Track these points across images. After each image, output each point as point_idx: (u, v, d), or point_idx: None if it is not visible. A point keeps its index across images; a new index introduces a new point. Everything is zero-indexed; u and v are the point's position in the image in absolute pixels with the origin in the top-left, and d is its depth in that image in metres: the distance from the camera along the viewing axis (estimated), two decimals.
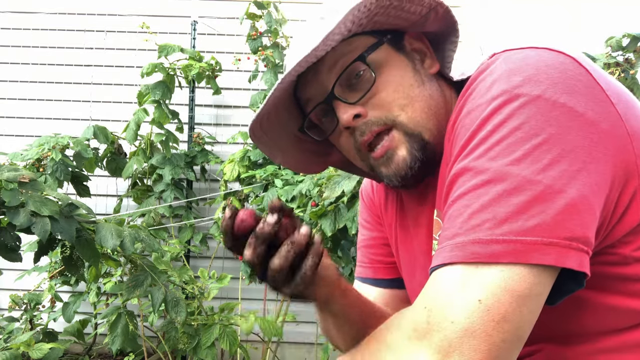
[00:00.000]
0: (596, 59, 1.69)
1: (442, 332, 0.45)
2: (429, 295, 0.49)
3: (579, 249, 0.46)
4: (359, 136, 0.65)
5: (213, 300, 2.22)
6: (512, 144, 0.48)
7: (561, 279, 0.48)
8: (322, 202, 1.85)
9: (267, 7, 2.61)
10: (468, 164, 0.51)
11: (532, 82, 0.50)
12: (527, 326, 0.46)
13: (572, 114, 0.49)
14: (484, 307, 0.44)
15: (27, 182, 1.34)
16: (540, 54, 0.53)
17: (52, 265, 2.46)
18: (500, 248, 0.45)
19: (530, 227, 0.45)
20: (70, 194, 2.48)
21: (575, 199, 0.46)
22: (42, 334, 2.35)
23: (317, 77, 0.66)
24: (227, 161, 2.59)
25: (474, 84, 0.57)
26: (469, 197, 0.49)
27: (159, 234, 2.56)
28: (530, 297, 0.45)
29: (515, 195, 0.46)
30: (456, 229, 0.49)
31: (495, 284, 0.45)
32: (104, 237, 1.39)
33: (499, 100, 0.51)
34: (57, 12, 3.05)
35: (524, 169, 0.47)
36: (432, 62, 0.69)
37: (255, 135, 0.70)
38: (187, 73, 2.57)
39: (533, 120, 0.48)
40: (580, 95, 0.50)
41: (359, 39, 0.65)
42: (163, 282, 1.67)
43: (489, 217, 0.47)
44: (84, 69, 3.02)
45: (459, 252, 0.47)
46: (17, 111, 3.03)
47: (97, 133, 2.47)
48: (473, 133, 0.52)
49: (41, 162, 2.32)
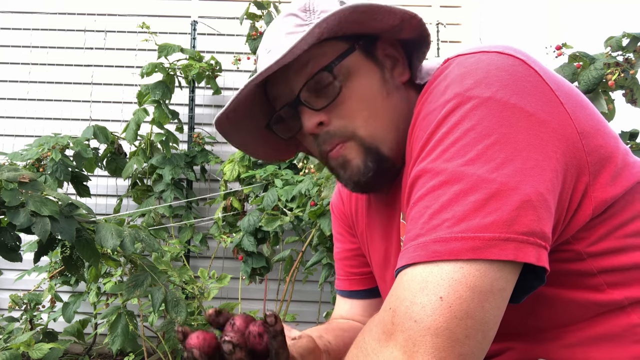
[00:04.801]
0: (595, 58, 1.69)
1: (406, 332, 0.46)
2: (394, 296, 0.50)
3: (537, 244, 0.47)
4: (321, 143, 0.67)
5: (213, 300, 2.23)
6: (466, 145, 0.49)
7: (523, 276, 0.49)
8: (321, 201, 1.85)
9: (267, 7, 2.61)
10: (425, 166, 0.52)
11: (483, 84, 0.52)
12: (492, 322, 0.47)
13: (523, 113, 0.50)
14: (446, 304, 0.45)
15: (27, 182, 1.34)
16: (491, 58, 0.55)
17: (52, 265, 2.46)
18: (459, 245, 0.46)
19: (487, 223, 0.46)
20: (70, 194, 2.49)
21: (529, 194, 0.47)
22: (42, 334, 2.36)
23: (286, 76, 0.66)
24: (227, 161, 2.59)
25: (430, 89, 0.58)
26: (429, 199, 0.50)
27: (159, 234, 2.56)
28: (493, 293, 0.46)
29: (472, 194, 0.47)
30: (418, 229, 0.50)
31: (456, 280, 0.45)
32: (104, 237, 1.39)
33: (452, 103, 0.52)
34: (57, 12, 3.05)
35: (478, 169, 0.48)
36: (403, 70, 0.70)
37: (222, 129, 0.70)
38: (187, 73, 2.57)
39: (485, 121, 0.50)
40: (529, 95, 0.51)
41: (330, 43, 0.64)
42: (163, 282, 1.67)
43: (448, 217, 0.47)
44: (84, 69, 3.02)
45: (421, 251, 0.48)
46: (17, 111, 3.03)
47: (97, 133, 2.47)
48: (429, 136, 0.53)
49: (41, 162, 2.32)
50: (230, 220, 2.61)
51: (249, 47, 2.67)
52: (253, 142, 0.75)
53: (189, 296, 2.12)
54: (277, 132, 0.72)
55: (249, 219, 2.31)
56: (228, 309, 2.06)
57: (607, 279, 0.55)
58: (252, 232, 2.32)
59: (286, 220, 2.15)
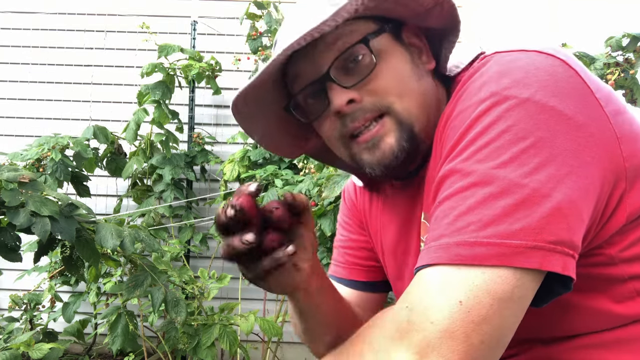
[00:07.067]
0: (595, 58, 1.69)
1: (421, 333, 0.45)
2: (411, 295, 0.49)
3: (564, 253, 0.46)
4: (349, 122, 0.63)
5: (213, 300, 2.22)
6: (499, 147, 0.48)
7: (549, 281, 0.48)
8: (322, 201, 1.85)
9: (267, 7, 2.61)
10: (455, 166, 0.51)
11: (521, 84, 0.50)
12: (508, 329, 0.46)
13: (561, 117, 0.48)
14: (465, 308, 0.44)
15: (27, 182, 1.34)
16: (530, 57, 0.53)
17: (52, 265, 2.46)
18: (483, 250, 0.45)
19: (515, 230, 0.45)
20: (70, 194, 2.48)
21: (561, 202, 0.46)
22: (42, 334, 2.35)
23: (312, 53, 0.62)
24: (227, 161, 2.59)
25: (465, 86, 0.56)
26: (456, 199, 0.49)
27: (159, 234, 2.56)
28: (512, 300, 0.45)
29: (502, 198, 0.46)
30: (442, 230, 0.49)
31: (477, 285, 0.45)
32: (104, 237, 1.39)
33: (488, 102, 0.51)
34: (57, 12, 3.05)
35: (510, 172, 0.47)
36: (428, 58, 0.67)
37: (238, 109, 0.66)
38: (187, 73, 2.57)
39: (521, 123, 0.48)
40: (569, 98, 0.50)
41: (359, 22, 0.61)
42: (163, 282, 1.67)
43: (474, 220, 0.46)
44: (84, 69, 3.02)
45: (442, 253, 0.47)
46: (17, 111, 3.03)
47: (97, 133, 2.47)
48: (462, 134, 0.52)
49: (41, 162, 2.31)
50: None
51: (249, 47, 2.67)
52: (265, 129, 0.72)
53: (189, 296, 2.12)
54: (296, 114, 0.68)
55: None
56: (228, 309, 2.06)
57: (638, 286, 0.54)
58: None
59: None
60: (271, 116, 0.70)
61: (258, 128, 0.71)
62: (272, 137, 0.73)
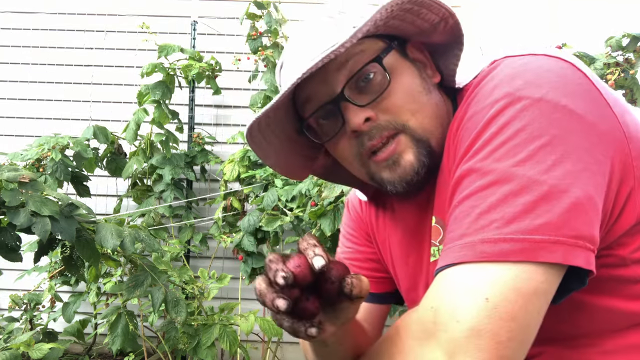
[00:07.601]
0: (595, 58, 1.69)
1: (448, 332, 0.45)
2: (436, 295, 0.49)
3: (586, 247, 0.46)
4: (366, 140, 0.63)
5: (213, 300, 2.22)
6: (516, 146, 0.49)
7: (564, 277, 0.48)
8: (322, 201, 1.85)
9: (267, 7, 2.61)
10: (473, 165, 0.51)
11: (533, 85, 0.51)
12: (534, 325, 0.46)
13: (573, 116, 0.50)
14: (491, 305, 0.44)
15: (27, 182, 1.34)
16: (540, 60, 0.54)
17: (52, 265, 2.46)
18: (508, 247, 0.46)
19: (537, 225, 0.46)
20: (70, 194, 2.48)
21: (580, 197, 0.46)
22: (42, 334, 2.35)
23: (324, 75, 0.63)
24: (227, 161, 2.58)
25: (476, 90, 0.57)
26: (476, 198, 0.49)
27: (159, 234, 2.56)
28: (537, 296, 0.45)
29: (522, 195, 0.47)
30: (464, 229, 0.49)
31: (503, 282, 0.45)
32: (104, 237, 1.39)
33: (502, 103, 0.52)
34: (57, 12, 3.05)
35: (529, 170, 0.47)
36: (433, 72, 0.69)
37: (252, 135, 0.66)
38: (187, 73, 2.57)
39: (536, 122, 0.49)
40: (579, 98, 0.51)
41: (367, 41, 0.63)
42: (163, 282, 1.67)
43: (496, 217, 0.47)
44: (84, 69, 3.02)
45: (467, 251, 0.47)
46: (17, 111, 3.03)
47: (97, 133, 2.47)
48: (477, 134, 0.53)
49: (41, 162, 2.31)
50: (230, 220, 2.61)
51: (249, 47, 2.67)
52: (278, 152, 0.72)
53: (189, 296, 2.12)
54: (310, 136, 0.69)
55: (249, 219, 2.31)
56: (228, 309, 2.06)
57: None
58: (252, 232, 2.32)
59: (286, 220, 2.15)
60: (283, 139, 0.71)
61: (271, 153, 0.71)
62: (285, 159, 0.74)
